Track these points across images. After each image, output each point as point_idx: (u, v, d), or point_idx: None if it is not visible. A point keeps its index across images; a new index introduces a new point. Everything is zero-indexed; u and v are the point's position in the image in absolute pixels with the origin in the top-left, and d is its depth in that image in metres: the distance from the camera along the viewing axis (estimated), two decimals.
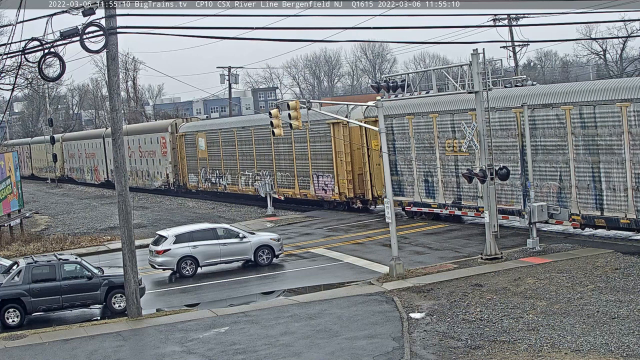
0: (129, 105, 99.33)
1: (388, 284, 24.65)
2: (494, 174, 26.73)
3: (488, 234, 26.75)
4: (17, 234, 42.62)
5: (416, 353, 17.66)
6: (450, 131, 34.36)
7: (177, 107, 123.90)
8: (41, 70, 22.74)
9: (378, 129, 27.10)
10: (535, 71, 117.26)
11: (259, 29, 26.12)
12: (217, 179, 54.51)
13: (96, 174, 74.48)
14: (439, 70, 29.91)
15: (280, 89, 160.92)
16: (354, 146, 40.95)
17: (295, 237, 36.58)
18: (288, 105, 27.89)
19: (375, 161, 38.84)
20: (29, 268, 24.87)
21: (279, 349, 18.78)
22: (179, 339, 20.62)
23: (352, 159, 41.61)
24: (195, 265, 29.94)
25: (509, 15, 56.13)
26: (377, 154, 37.64)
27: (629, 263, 24.30)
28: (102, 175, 73.18)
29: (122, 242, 23.82)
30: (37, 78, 44.11)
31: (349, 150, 41.41)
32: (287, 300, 24.42)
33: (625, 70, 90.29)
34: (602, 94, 27.76)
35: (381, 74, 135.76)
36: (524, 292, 22.03)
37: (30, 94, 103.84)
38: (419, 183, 36.86)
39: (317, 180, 44.01)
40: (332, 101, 42.98)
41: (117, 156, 23.89)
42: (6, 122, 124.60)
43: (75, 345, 21.04)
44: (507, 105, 31.41)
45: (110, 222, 46.42)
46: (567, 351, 16.88)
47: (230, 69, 77.01)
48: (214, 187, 55.32)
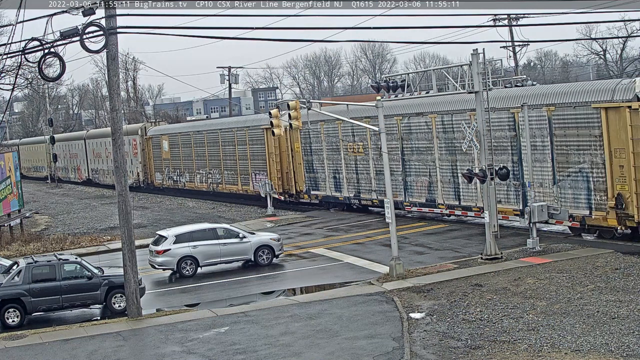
0: (129, 105, 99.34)
1: (388, 284, 24.65)
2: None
3: (488, 234, 26.76)
4: (17, 234, 42.62)
5: (416, 353, 17.66)
6: (351, 135, 41.13)
7: (177, 107, 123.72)
8: (41, 70, 22.73)
9: (378, 129, 27.11)
10: (535, 71, 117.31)
11: (259, 29, 26.13)
12: (178, 177, 61.04)
13: (79, 173, 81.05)
14: (439, 70, 29.91)
15: (280, 89, 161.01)
16: (283, 148, 47.67)
17: (295, 237, 36.59)
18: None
19: (298, 161, 46.27)
20: (29, 268, 24.87)
21: (279, 349, 18.78)
22: (179, 339, 20.62)
23: (280, 159, 48.00)
24: (195, 265, 29.95)
25: (509, 15, 56.13)
26: (299, 155, 45.90)
27: (629, 263, 24.30)
28: (83, 174, 79.52)
29: (122, 242, 23.82)
30: (37, 78, 44.12)
31: (279, 152, 47.85)
32: (287, 300, 24.42)
33: (626, 70, 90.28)
34: (456, 105, 33.46)
35: (381, 74, 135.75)
36: (524, 292, 22.04)
37: (30, 94, 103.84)
38: (329, 179, 43.63)
39: (255, 178, 50.37)
40: (332, 101, 43.41)
41: (117, 156, 23.90)
42: (6, 122, 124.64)
43: (75, 345, 21.04)
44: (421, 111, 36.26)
45: (110, 222, 46.43)
46: (567, 351, 16.88)
47: (230, 69, 77.03)
48: (175, 184, 61.93)
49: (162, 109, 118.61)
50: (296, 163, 46.54)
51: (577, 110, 28.37)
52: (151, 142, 65.33)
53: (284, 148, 47.28)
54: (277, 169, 47.68)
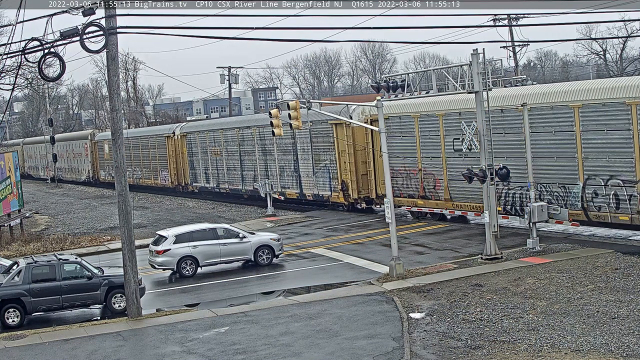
0: (129, 105, 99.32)
1: (388, 284, 24.65)
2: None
3: (488, 234, 26.76)
4: (17, 234, 42.62)
5: (416, 353, 17.66)
6: (214, 142, 54.77)
7: (177, 107, 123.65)
8: (41, 70, 22.72)
9: (378, 129, 27.12)
10: (535, 71, 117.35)
11: (259, 29, 26.12)
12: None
13: (47, 170, 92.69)
14: (439, 70, 29.90)
15: (280, 89, 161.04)
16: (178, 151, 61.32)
17: (295, 237, 36.59)
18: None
19: (185, 161, 59.94)
20: (29, 268, 24.87)
21: (279, 349, 18.78)
22: (179, 339, 20.62)
23: (176, 160, 61.85)
24: (195, 265, 29.95)
25: (509, 15, 56.16)
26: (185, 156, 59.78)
27: (629, 263, 24.30)
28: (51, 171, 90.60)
29: (122, 242, 23.81)
30: (37, 78, 44.09)
31: (174, 154, 61.65)
32: (287, 300, 24.41)
33: (626, 70, 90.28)
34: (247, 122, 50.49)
35: (381, 74, 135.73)
36: (524, 292, 22.03)
37: (30, 94, 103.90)
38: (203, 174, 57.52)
39: (161, 174, 64.80)
40: (331, 101, 43.49)
41: (117, 156, 23.88)
42: (6, 122, 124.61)
43: (75, 345, 21.04)
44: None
45: (110, 222, 46.44)
46: (567, 351, 16.88)
47: (230, 69, 77.04)
48: (113, 179, 69.50)
49: (162, 109, 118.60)
50: (185, 162, 60.34)
51: (323, 125, 41.75)
52: (97, 146, 78.97)
53: (178, 151, 61.22)
54: (174, 167, 62.17)
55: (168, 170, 62.47)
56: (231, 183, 53.52)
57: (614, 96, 27.30)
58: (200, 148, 57.29)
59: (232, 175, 53.53)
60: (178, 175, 61.85)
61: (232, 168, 53.44)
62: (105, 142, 75.06)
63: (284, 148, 47.06)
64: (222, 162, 54.25)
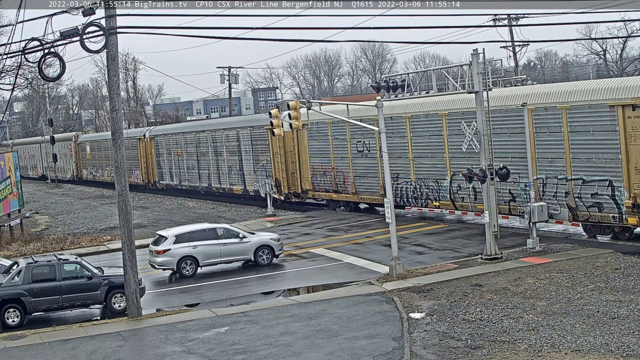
0: (129, 105, 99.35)
1: (388, 284, 24.65)
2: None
3: (488, 234, 26.76)
4: (17, 234, 42.61)
5: (416, 353, 17.66)
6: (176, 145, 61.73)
7: (177, 107, 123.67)
8: (41, 70, 22.72)
9: (378, 129, 27.11)
10: (535, 71, 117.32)
11: (259, 29, 26.15)
12: (96, 172, 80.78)
13: (35, 170, 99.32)
14: (439, 70, 29.91)
15: (280, 89, 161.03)
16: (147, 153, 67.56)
17: (295, 237, 36.59)
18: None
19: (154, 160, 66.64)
20: (29, 268, 24.87)
21: (279, 349, 18.78)
22: (179, 339, 20.62)
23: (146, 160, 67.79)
24: (195, 265, 29.94)
25: (509, 15, 56.16)
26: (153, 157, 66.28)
27: (629, 263, 24.30)
28: (39, 171, 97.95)
29: (122, 242, 23.81)
30: (37, 78, 44.14)
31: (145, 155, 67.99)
32: (287, 300, 24.42)
33: (625, 70, 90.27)
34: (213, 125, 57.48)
35: (381, 74, 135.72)
36: (524, 292, 22.03)
37: (30, 94, 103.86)
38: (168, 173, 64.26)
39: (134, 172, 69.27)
40: (332, 101, 43.47)
41: (117, 156, 23.88)
42: (6, 122, 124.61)
43: (75, 345, 21.04)
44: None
45: (110, 222, 46.43)
46: (567, 351, 16.88)
47: (230, 69, 77.02)
48: (94, 177, 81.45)
49: (162, 109, 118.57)
50: (153, 162, 66.71)
51: (260, 130, 48.45)
52: (80, 147, 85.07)
53: (148, 152, 67.40)
54: (144, 166, 68.14)
55: (140, 169, 68.62)
56: (190, 180, 60.17)
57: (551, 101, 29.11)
58: (165, 149, 63.97)
59: (191, 174, 59.85)
60: (148, 174, 67.92)
61: (191, 167, 59.65)
62: (87, 143, 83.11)
63: (231, 150, 53.25)
64: (183, 162, 60.79)
